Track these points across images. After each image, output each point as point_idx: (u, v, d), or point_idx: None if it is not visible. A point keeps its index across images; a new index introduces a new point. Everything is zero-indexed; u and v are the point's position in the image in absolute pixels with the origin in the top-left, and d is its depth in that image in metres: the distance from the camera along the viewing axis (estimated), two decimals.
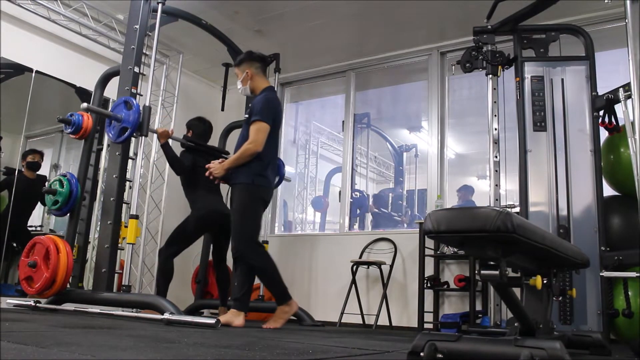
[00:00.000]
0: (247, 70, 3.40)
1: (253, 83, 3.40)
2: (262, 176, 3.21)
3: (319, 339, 2.39)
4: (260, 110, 3.21)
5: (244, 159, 3.17)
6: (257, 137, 3.16)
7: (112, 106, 3.57)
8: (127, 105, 3.44)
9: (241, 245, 3.13)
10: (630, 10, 2.71)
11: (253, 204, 3.20)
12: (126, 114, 3.43)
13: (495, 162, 3.47)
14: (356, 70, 5.61)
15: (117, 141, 3.47)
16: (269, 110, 3.23)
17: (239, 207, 3.17)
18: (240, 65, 3.45)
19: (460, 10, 4.39)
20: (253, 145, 3.15)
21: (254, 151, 3.15)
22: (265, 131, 3.19)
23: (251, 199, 3.19)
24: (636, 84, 2.62)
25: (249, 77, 3.39)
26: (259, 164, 3.20)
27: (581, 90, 3.40)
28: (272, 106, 3.28)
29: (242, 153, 3.17)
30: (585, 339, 2.25)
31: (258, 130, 3.17)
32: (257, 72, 3.42)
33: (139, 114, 3.41)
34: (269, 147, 3.23)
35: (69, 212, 3.64)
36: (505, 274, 1.44)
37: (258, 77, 3.42)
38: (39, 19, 4.40)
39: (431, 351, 1.42)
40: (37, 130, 4.72)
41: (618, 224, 3.31)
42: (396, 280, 4.69)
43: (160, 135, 3.70)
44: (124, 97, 3.50)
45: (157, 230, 5.08)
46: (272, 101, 3.31)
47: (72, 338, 1.66)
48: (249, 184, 3.17)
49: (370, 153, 6.47)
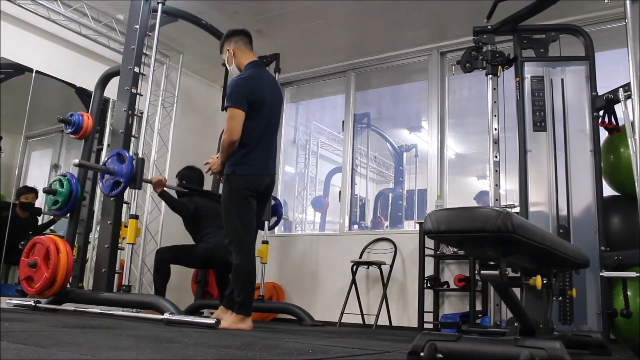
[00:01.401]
0: (228, 48, 3.19)
1: (237, 59, 3.17)
2: (245, 164, 2.97)
3: (319, 339, 2.39)
4: (229, 95, 2.98)
5: (226, 151, 2.96)
6: (229, 125, 2.93)
7: (104, 159, 3.56)
8: (120, 158, 3.41)
9: (229, 240, 2.95)
10: (630, 10, 2.71)
11: (235, 195, 2.95)
12: (119, 167, 3.38)
13: (495, 162, 3.47)
14: (356, 70, 5.61)
15: (111, 195, 3.42)
16: (238, 93, 2.95)
17: (223, 199, 3.00)
18: (222, 49, 3.26)
19: (460, 10, 4.39)
20: (227, 135, 2.93)
21: (230, 141, 2.93)
22: (238, 117, 2.93)
23: (232, 190, 2.96)
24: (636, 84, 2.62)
25: (232, 54, 3.17)
26: (241, 152, 2.97)
27: (581, 90, 3.40)
28: (244, 87, 2.98)
29: (222, 145, 2.99)
30: (585, 339, 2.25)
31: (229, 118, 2.95)
32: (237, 47, 3.18)
33: (132, 167, 3.37)
34: (254, 130, 2.99)
35: (69, 212, 3.64)
36: (505, 274, 1.44)
37: (240, 51, 3.18)
38: (39, 19, 4.40)
39: (431, 351, 1.42)
40: (37, 130, 4.72)
41: (618, 224, 3.31)
42: (396, 280, 4.69)
43: (155, 184, 3.71)
44: (116, 150, 3.47)
45: (157, 230, 5.08)
46: (245, 81, 3.02)
47: (72, 338, 1.66)
48: (229, 175, 2.98)
49: (370, 153, 6.47)
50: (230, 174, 2.98)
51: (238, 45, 3.18)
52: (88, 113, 3.85)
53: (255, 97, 3.00)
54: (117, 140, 3.60)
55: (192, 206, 3.88)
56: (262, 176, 3.05)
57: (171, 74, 5.43)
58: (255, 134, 3.00)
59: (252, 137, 2.99)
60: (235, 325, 2.82)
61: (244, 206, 2.97)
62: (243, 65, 3.15)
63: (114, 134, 3.65)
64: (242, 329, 2.80)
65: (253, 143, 3.00)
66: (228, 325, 2.81)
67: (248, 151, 2.98)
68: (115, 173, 3.39)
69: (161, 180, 3.72)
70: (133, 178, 3.38)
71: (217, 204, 4.16)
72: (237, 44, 3.18)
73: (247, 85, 3.01)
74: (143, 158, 3.52)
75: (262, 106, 3.04)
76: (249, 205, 2.99)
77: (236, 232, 2.94)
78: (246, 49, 3.20)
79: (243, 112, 2.95)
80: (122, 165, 3.37)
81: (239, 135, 2.93)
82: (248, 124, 2.97)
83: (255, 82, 3.05)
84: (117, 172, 3.39)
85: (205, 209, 3.96)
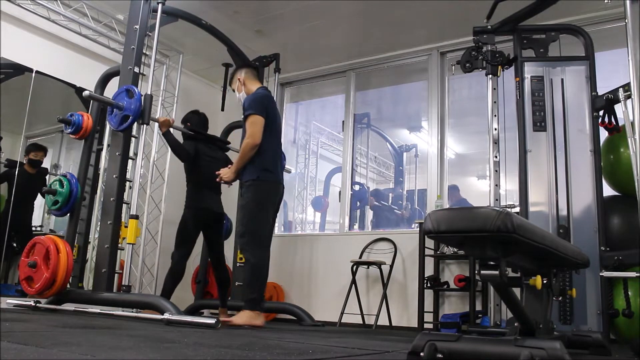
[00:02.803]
0: (239, 78, 3.51)
1: (246, 87, 3.48)
2: (268, 171, 3.22)
3: (319, 339, 2.39)
4: (250, 104, 3.25)
5: (247, 154, 3.19)
6: (252, 129, 3.18)
7: (114, 94, 3.57)
8: (129, 94, 3.46)
9: (245, 239, 3.16)
10: (630, 10, 2.71)
11: (258, 200, 3.19)
12: (127, 102, 3.45)
13: (495, 162, 3.47)
14: (356, 70, 5.61)
15: (119, 129, 3.48)
16: (257, 103, 3.25)
17: (245, 201, 3.20)
18: (232, 79, 3.59)
19: (460, 10, 4.39)
20: (250, 139, 3.17)
21: (252, 144, 3.17)
22: (260, 123, 3.20)
23: (257, 193, 3.19)
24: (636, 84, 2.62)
25: (242, 83, 3.49)
26: (262, 159, 3.21)
27: (581, 90, 3.40)
28: (261, 100, 3.30)
29: (243, 149, 3.20)
30: (585, 339, 2.25)
31: (252, 123, 3.20)
32: (247, 77, 3.50)
33: (141, 102, 3.43)
34: (269, 141, 3.24)
35: (69, 212, 3.64)
36: (505, 274, 1.44)
37: (249, 80, 3.50)
38: (39, 19, 4.40)
39: (431, 351, 1.42)
40: (37, 130, 4.71)
41: (618, 224, 3.31)
42: (396, 280, 4.69)
43: (161, 124, 3.71)
44: (126, 86, 3.52)
45: (157, 230, 5.08)
46: (261, 96, 3.35)
47: (72, 338, 1.66)
48: (254, 180, 3.19)
49: (370, 153, 6.47)
50: (255, 179, 3.18)
51: (247, 76, 3.51)
52: (88, 113, 3.84)
53: (270, 111, 3.31)
54: (117, 140, 3.60)
55: (193, 151, 3.88)
56: (279, 185, 3.35)
57: (171, 74, 5.43)
58: (271, 146, 3.28)
59: (270, 146, 3.27)
60: (252, 322, 2.98)
61: (268, 210, 3.24)
62: (251, 92, 3.44)
63: (114, 134, 3.64)
64: (257, 325, 2.99)
65: (271, 152, 3.27)
66: (244, 322, 2.97)
67: (267, 159, 3.23)
68: (124, 108, 3.45)
69: (168, 120, 3.73)
70: (141, 113, 3.44)
71: (220, 152, 4.17)
72: (246, 74, 3.52)
73: (264, 100, 3.32)
74: (151, 95, 3.56)
75: (274, 122, 3.34)
76: (269, 210, 3.25)
77: (255, 233, 3.14)
78: (254, 79, 3.54)
79: (264, 119, 3.21)
80: (131, 101, 3.43)
81: (260, 140, 3.18)
82: (264, 135, 3.21)
83: (269, 100, 3.39)
84: (125, 106, 3.45)
85: (205, 157, 3.95)
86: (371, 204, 5.96)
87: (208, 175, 3.94)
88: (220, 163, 4.10)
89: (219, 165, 4.05)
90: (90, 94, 3.48)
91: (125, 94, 3.48)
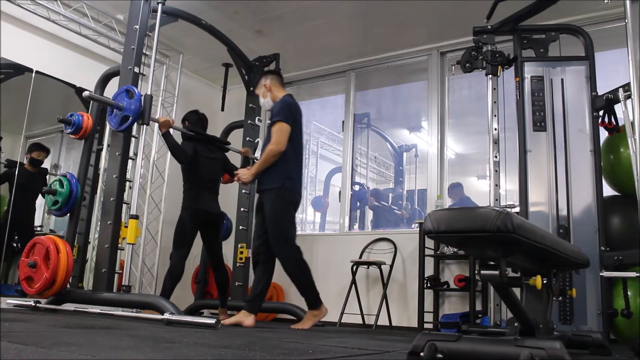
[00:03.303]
0: (264, 83, 3.53)
1: (272, 94, 3.50)
2: (291, 179, 3.28)
3: (319, 339, 2.39)
4: (278, 111, 3.30)
5: (269, 160, 3.23)
6: (278, 136, 3.23)
7: (113, 95, 3.57)
8: (129, 94, 3.46)
9: (284, 249, 3.22)
10: (630, 10, 2.71)
11: (285, 208, 3.26)
12: (127, 103, 3.44)
13: (495, 162, 3.47)
14: (356, 70, 5.61)
15: (119, 129, 3.48)
16: (286, 111, 3.30)
17: (272, 213, 3.23)
18: (258, 84, 3.60)
19: (460, 10, 4.39)
20: (275, 146, 3.21)
21: (277, 151, 3.21)
22: (286, 131, 3.25)
23: (282, 203, 3.25)
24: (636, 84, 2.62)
25: (268, 88, 3.51)
26: (285, 167, 3.26)
27: (581, 90, 3.40)
28: (290, 108, 3.35)
29: (267, 155, 3.23)
30: (585, 339, 2.25)
31: (278, 130, 3.24)
32: (273, 83, 3.53)
33: (141, 103, 3.42)
34: (292, 149, 3.29)
35: (69, 212, 3.64)
36: (505, 274, 1.44)
37: (275, 87, 3.53)
38: (39, 19, 4.40)
39: (431, 351, 1.42)
40: (37, 130, 4.71)
41: (618, 224, 3.31)
42: (396, 280, 4.69)
43: (161, 124, 3.70)
44: (126, 86, 3.51)
45: (157, 230, 5.08)
46: (291, 104, 3.39)
47: (72, 338, 1.66)
48: (279, 188, 3.23)
49: (370, 153, 6.47)
50: (280, 187, 3.23)
51: (274, 82, 3.55)
52: (88, 113, 3.84)
53: (297, 120, 3.38)
54: (117, 140, 3.60)
55: (191, 152, 3.87)
56: (300, 193, 3.42)
57: (171, 74, 5.43)
58: (295, 153, 3.35)
59: (293, 156, 3.32)
60: (318, 317, 3.27)
61: (293, 218, 3.32)
62: (278, 98, 3.48)
63: (114, 134, 3.64)
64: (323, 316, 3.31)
65: (294, 160, 3.33)
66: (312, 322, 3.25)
67: (291, 167, 3.30)
68: (123, 108, 3.44)
69: (168, 120, 3.73)
70: (141, 114, 3.43)
71: (218, 152, 4.15)
72: (272, 81, 3.55)
73: (293, 109, 3.39)
74: (151, 95, 3.55)
75: (299, 131, 3.43)
76: (294, 217, 3.35)
77: (288, 241, 3.24)
78: (280, 86, 3.57)
79: (290, 127, 3.28)
80: (131, 101, 3.43)
81: (285, 147, 3.23)
82: (289, 144, 3.27)
83: (296, 108, 3.44)
84: (125, 107, 3.44)
85: (203, 158, 3.94)
86: (371, 204, 5.96)
87: (206, 176, 3.94)
88: (218, 164, 4.10)
89: (217, 166, 4.06)
90: (90, 94, 3.48)
91: (125, 94, 3.48)
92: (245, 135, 4.91)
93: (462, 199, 5.11)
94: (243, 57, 4.92)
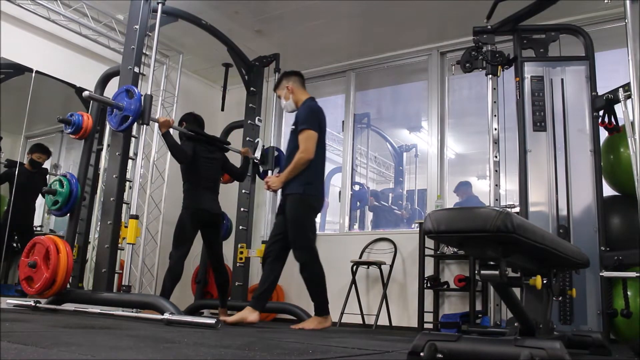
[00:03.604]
0: (287, 85, 3.54)
1: (295, 96, 3.52)
2: (312, 185, 3.31)
3: (319, 339, 2.39)
4: (306, 118, 3.33)
5: (299, 168, 3.28)
6: (307, 145, 3.27)
7: (113, 95, 3.57)
8: (129, 94, 3.45)
9: (303, 254, 3.27)
10: (630, 10, 2.71)
11: (306, 213, 3.31)
12: (127, 103, 3.44)
13: (495, 162, 3.48)
14: (356, 70, 5.61)
15: (119, 129, 3.48)
16: (313, 118, 3.34)
17: (293, 217, 3.28)
18: (279, 85, 3.61)
19: (460, 10, 4.39)
20: (305, 154, 3.26)
21: (306, 159, 3.27)
22: (314, 138, 3.30)
23: (303, 208, 3.30)
24: (636, 84, 2.62)
25: (290, 90, 3.53)
26: (309, 173, 3.30)
27: (581, 90, 3.40)
28: (317, 115, 3.39)
29: (296, 163, 3.28)
30: (585, 339, 2.25)
31: (307, 138, 3.28)
32: (296, 85, 3.55)
33: (141, 102, 3.42)
34: (317, 155, 3.33)
35: (69, 212, 3.64)
36: (505, 274, 1.44)
37: (298, 89, 3.54)
38: (39, 19, 4.40)
39: (431, 351, 1.42)
40: (37, 130, 4.72)
41: (618, 224, 3.31)
42: (396, 280, 4.69)
43: (161, 124, 3.70)
44: (126, 86, 3.51)
45: (157, 230, 5.08)
46: (316, 109, 3.42)
47: (72, 338, 1.66)
48: (300, 194, 3.28)
49: (370, 153, 6.47)
50: (301, 194, 3.28)
51: (296, 85, 3.56)
52: (88, 113, 3.84)
53: (321, 125, 3.41)
54: (117, 140, 3.60)
55: (191, 152, 3.86)
56: (322, 198, 3.45)
57: (171, 74, 5.43)
58: (319, 159, 3.37)
59: (317, 162, 3.35)
60: (321, 325, 3.25)
61: (314, 223, 3.41)
62: (301, 101, 3.51)
63: (114, 134, 3.65)
64: (326, 327, 3.27)
65: (318, 166, 3.38)
66: (315, 326, 3.22)
67: (313, 173, 3.33)
68: (123, 108, 3.43)
69: (168, 120, 3.72)
70: (141, 113, 3.42)
71: (218, 152, 4.14)
72: (295, 83, 3.56)
73: (319, 115, 3.42)
74: (151, 95, 3.54)
75: (324, 135, 3.45)
76: (315, 222, 3.44)
77: (309, 245, 3.29)
78: (302, 88, 3.59)
79: (317, 134, 3.32)
80: (131, 101, 3.42)
81: (314, 155, 3.28)
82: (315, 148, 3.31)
83: (322, 114, 3.47)
84: (125, 107, 3.43)
85: (203, 158, 3.94)
86: (371, 204, 5.96)
87: (205, 175, 3.94)
88: (218, 163, 4.10)
89: (216, 166, 4.06)
90: (90, 94, 3.48)
91: (125, 94, 3.47)
92: (245, 135, 4.91)
93: (469, 197, 5.11)
94: (243, 57, 4.92)
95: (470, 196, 5.13)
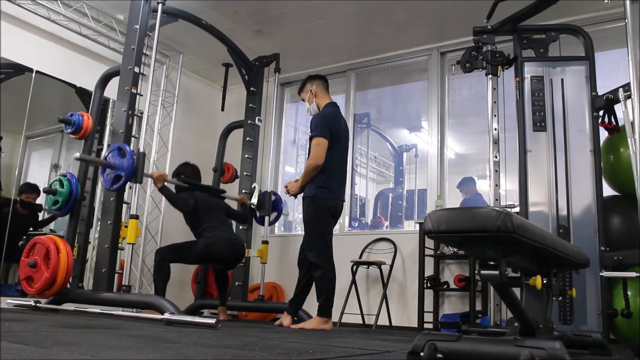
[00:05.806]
0: (310, 89, 3.61)
1: (318, 100, 3.58)
2: (325, 188, 3.37)
3: (319, 339, 2.39)
4: (315, 126, 3.40)
5: (310, 174, 3.37)
6: (315, 151, 3.35)
7: (105, 153, 3.53)
8: (121, 152, 3.40)
9: (315, 254, 3.32)
10: (630, 10, 2.70)
11: (318, 215, 3.37)
12: (120, 161, 3.37)
13: (495, 162, 3.47)
14: (356, 70, 5.61)
15: (111, 189, 3.42)
16: (323, 124, 3.40)
17: (306, 218, 3.40)
18: (303, 88, 3.67)
19: (460, 10, 4.39)
20: (313, 160, 3.35)
21: (315, 165, 3.34)
22: (323, 145, 3.36)
23: (315, 210, 3.37)
24: (636, 84, 2.62)
25: (314, 94, 3.59)
26: (322, 177, 3.37)
27: (581, 90, 3.40)
28: (327, 120, 3.45)
29: (306, 169, 3.40)
30: (585, 339, 2.25)
31: (315, 145, 3.36)
32: (319, 89, 3.61)
33: (133, 161, 3.36)
34: (331, 159, 3.39)
35: (69, 212, 3.64)
36: (505, 274, 1.44)
37: (321, 93, 3.60)
38: (39, 19, 4.40)
39: (431, 351, 1.42)
40: (37, 130, 4.72)
41: (618, 224, 3.31)
42: (396, 280, 4.69)
43: (155, 179, 3.71)
44: (117, 144, 3.45)
45: (157, 230, 5.08)
46: (328, 115, 3.48)
47: (72, 338, 1.66)
48: (312, 197, 3.37)
49: (370, 153, 6.47)
50: (313, 197, 3.37)
51: (319, 88, 3.62)
52: (88, 113, 3.84)
53: (334, 131, 3.44)
54: (117, 140, 3.59)
55: (192, 201, 3.86)
56: (338, 200, 3.48)
57: (171, 74, 5.43)
58: (332, 163, 3.41)
59: (331, 165, 3.40)
60: (321, 326, 3.23)
61: (329, 225, 3.44)
62: (322, 105, 3.57)
63: (114, 134, 3.65)
64: (326, 329, 3.23)
65: (332, 171, 3.41)
66: (314, 327, 3.23)
67: (328, 177, 3.39)
68: (116, 167, 3.39)
69: (162, 175, 3.72)
70: (134, 172, 3.38)
71: (217, 199, 4.16)
72: (318, 87, 3.62)
73: (331, 121, 3.46)
74: (144, 152, 3.51)
75: (338, 140, 3.48)
76: (330, 224, 3.46)
77: (322, 247, 3.35)
78: (325, 92, 3.65)
79: (327, 140, 3.37)
80: (123, 160, 3.37)
81: (323, 161, 3.34)
82: (327, 154, 3.37)
83: (335, 119, 3.52)
84: (118, 166, 3.39)
85: (205, 203, 3.94)
86: None
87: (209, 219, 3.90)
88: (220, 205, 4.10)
89: (218, 210, 4.03)
90: (81, 157, 3.41)
91: (117, 153, 3.40)
92: (245, 135, 4.91)
93: (475, 195, 5.10)
94: (243, 57, 4.92)
95: (475, 193, 5.12)
